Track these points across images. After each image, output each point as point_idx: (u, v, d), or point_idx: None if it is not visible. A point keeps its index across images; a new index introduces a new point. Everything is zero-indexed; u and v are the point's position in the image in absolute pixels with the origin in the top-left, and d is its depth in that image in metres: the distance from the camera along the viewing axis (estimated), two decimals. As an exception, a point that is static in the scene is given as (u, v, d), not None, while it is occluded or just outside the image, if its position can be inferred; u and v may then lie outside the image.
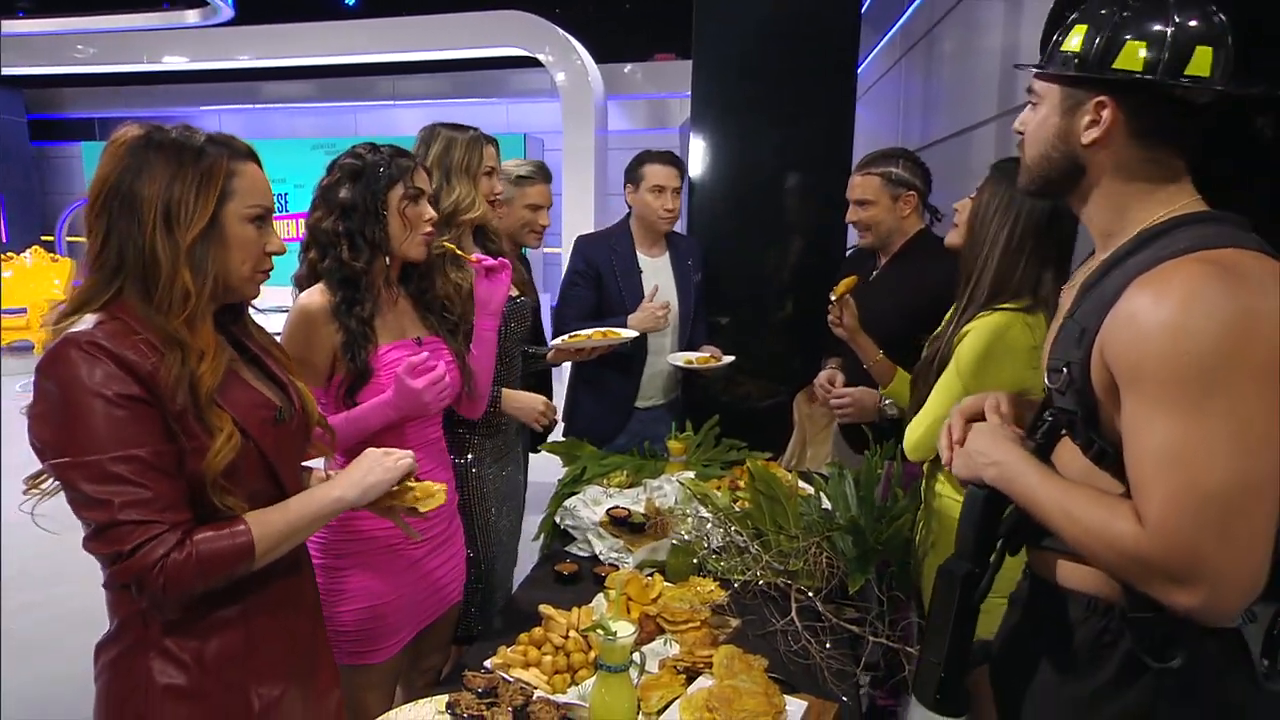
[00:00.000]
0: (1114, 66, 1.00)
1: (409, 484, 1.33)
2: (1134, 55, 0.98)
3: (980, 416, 1.18)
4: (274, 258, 1.21)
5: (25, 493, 1.08)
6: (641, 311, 2.58)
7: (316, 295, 1.58)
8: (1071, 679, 1.05)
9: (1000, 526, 1.09)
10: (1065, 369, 1.02)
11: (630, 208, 2.75)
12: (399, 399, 1.54)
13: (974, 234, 1.71)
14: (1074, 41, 1.03)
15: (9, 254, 9.35)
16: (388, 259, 1.65)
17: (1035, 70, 1.09)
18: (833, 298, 2.06)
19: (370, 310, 1.60)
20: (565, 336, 2.45)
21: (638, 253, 2.72)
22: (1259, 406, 0.87)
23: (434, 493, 1.34)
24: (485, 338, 1.83)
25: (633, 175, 2.70)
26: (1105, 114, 1.01)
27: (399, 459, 1.30)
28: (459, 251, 1.80)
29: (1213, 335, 0.87)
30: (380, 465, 1.28)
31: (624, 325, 2.55)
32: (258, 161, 1.19)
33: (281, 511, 1.17)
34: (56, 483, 1.07)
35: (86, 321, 1.06)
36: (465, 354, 1.79)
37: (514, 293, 2.14)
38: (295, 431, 1.28)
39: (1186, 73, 0.97)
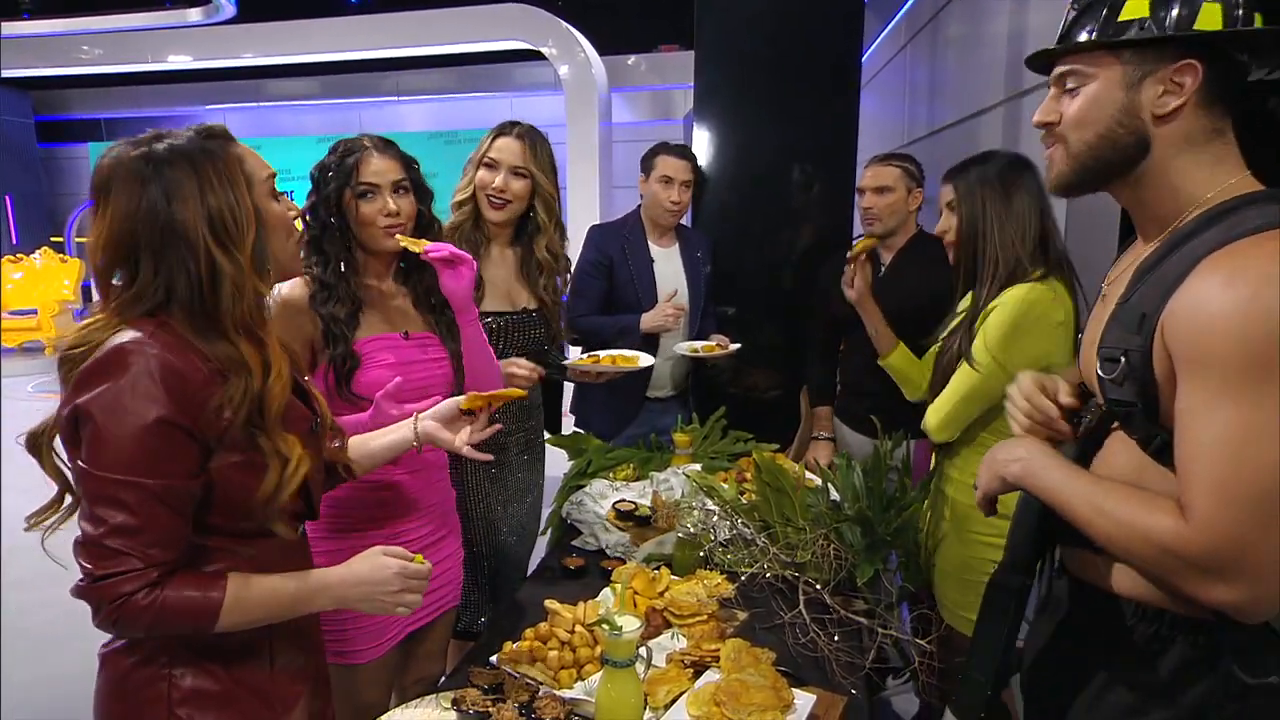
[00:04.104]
0: (1196, 29, 0.90)
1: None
2: (1213, 16, 0.90)
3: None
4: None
5: (27, 530, 1.05)
6: (655, 310, 2.60)
7: (299, 285, 1.57)
8: (1120, 684, 0.99)
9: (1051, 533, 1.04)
10: (1123, 357, 0.93)
11: (643, 197, 2.76)
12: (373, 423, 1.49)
13: (969, 223, 1.75)
14: (1139, 6, 0.93)
15: (19, 255, 9.41)
16: (362, 258, 1.63)
17: (1099, 42, 0.96)
18: (849, 256, 2.07)
19: (346, 311, 1.57)
20: (582, 356, 2.45)
21: (649, 242, 2.73)
22: None
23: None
24: (467, 334, 1.72)
25: (646, 164, 2.73)
26: (1189, 79, 0.92)
27: (400, 599, 1.17)
28: (412, 244, 1.63)
29: None
30: (375, 600, 1.16)
31: (636, 324, 2.56)
32: None
33: (267, 590, 1.07)
34: (58, 518, 1.06)
35: (131, 333, 1.00)
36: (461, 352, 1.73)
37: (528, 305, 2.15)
38: (322, 441, 1.23)
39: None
